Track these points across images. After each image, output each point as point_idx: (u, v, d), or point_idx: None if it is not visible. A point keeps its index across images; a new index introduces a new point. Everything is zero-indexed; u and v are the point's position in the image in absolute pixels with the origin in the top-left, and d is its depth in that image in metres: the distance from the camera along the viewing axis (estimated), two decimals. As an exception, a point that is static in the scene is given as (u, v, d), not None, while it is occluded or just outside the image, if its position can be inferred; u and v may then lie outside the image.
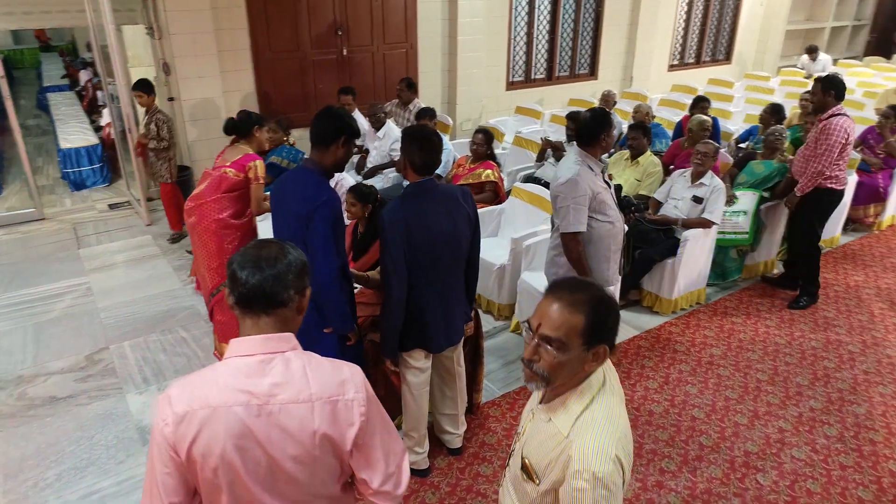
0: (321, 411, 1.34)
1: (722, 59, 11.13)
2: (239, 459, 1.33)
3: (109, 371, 3.82)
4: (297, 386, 1.34)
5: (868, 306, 4.60)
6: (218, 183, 3.57)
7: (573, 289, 1.44)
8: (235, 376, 1.34)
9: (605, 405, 1.45)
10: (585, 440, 1.39)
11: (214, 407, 1.31)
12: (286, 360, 1.36)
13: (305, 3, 6.56)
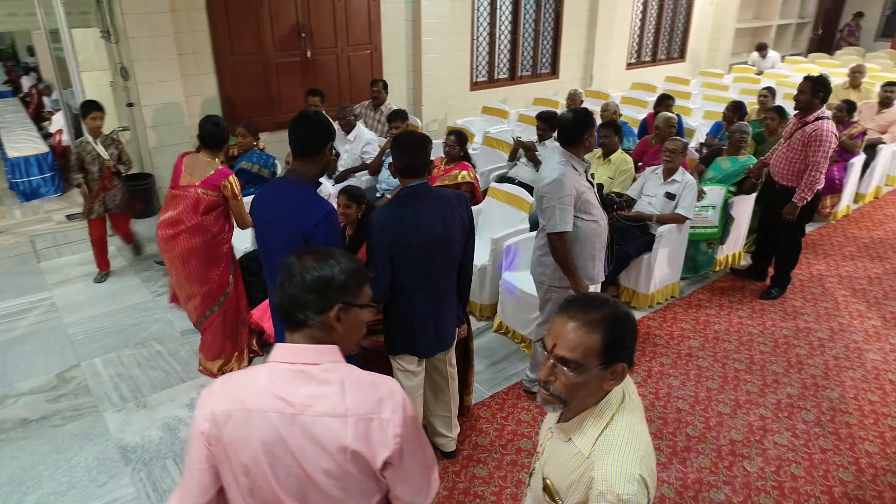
0: (354, 428, 1.30)
1: (676, 57, 11.42)
2: (268, 466, 1.31)
3: (83, 389, 3.67)
4: (333, 399, 1.31)
5: (832, 294, 4.79)
6: (195, 205, 3.31)
7: (588, 307, 1.39)
8: (274, 381, 1.33)
9: (626, 423, 1.42)
10: (608, 461, 1.36)
11: (250, 409, 1.31)
12: (326, 371, 1.34)
13: (267, 6, 6.43)
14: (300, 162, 2.45)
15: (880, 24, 13.72)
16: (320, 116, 2.51)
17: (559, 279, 3.22)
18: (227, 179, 3.35)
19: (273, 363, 1.37)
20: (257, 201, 2.56)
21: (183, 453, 3.18)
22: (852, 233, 5.91)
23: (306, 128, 2.43)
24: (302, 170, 2.45)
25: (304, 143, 2.43)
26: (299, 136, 2.43)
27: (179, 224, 3.32)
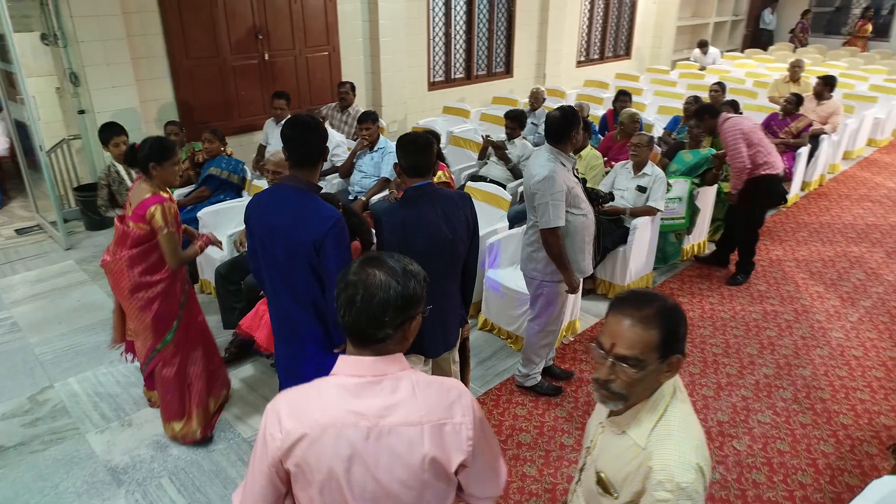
0: (430, 435, 1.31)
1: (623, 54, 11.76)
2: (345, 481, 1.30)
3: (60, 411, 3.50)
4: (407, 407, 1.31)
5: (792, 278, 5.05)
6: (122, 237, 2.94)
7: (640, 303, 1.42)
8: (344, 396, 1.32)
9: (679, 414, 1.46)
10: (665, 450, 1.40)
11: (324, 427, 1.29)
12: (396, 379, 1.34)
13: (223, 7, 6.28)
14: (302, 170, 2.40)
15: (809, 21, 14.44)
16: (316, 120, 2.47)
17: (551, 273, 3.28)
18: (154, 207, 2.83)
19: (340, 377, 1.35)
20: (253, 209, 2.48)
21: (177, 470, 3.09)
22: (803, 219, 6.23)
23: (306, 133, 2.38)
24: (303, 177, 2.40)
25: (307, 151, 2.38)
26: (302, 144, 2.38)
27: (110, 254, 3.02)
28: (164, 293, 3.01)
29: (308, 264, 2.33)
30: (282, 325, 2.56)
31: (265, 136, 5.90)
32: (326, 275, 2.31)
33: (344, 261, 2.34)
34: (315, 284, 2.38)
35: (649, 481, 1.40)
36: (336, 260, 2.30)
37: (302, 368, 2.56)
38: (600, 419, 1.61)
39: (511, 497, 2.95)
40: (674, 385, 1.50)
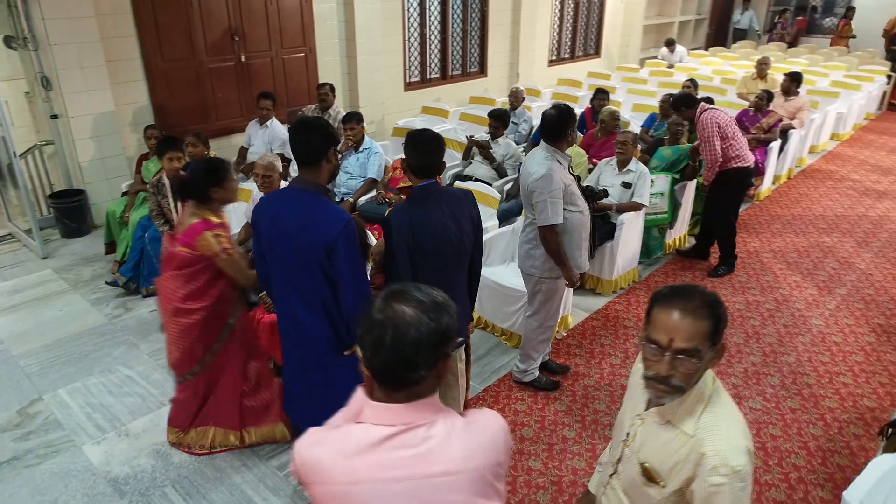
0: (470, 482, 1.22)
1: (592, 53, 11.93)
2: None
3: (52, 424, 3.41)
4: (444, 456, 1.22)
5: (770, 268, 5.21)
6: (169, 258, 2.89)
7: (687, 296, 1.46)
8: (376, 449, 1.21)
9: (722, 401, 1.51)
10: (717, 437, 1.44)
11: (357, 482, 1.20)
12: (431, 426, 1.23)
13: (198, 9, 6.18)
14: (307, 170, 2.40)
15: (767, 19, 14.89)
16: (320, 120, 2.47)
17: (549, 270, 3.34)
18: (203, 235, 2.75)
19: (369, 426, 1.24)
20: (260, 213, 2.47)
21: (180, 479, 3.04)
22: (776, 211, 6.43)
23: (308, 133, 2.37)
24: (310, 178, 2.40)
25: (309, 150, 2.37)
26: (302, 143, 2.37)
27: (161, 271, 2.98)
28: (203, 323, 2.91)
29: (318, 266, 2.33)
30: (290, 329, 2.55)
31: (247, 137, 5.82)
32: (339, 276, 2.32)
33: (356, 262, 2.35)
34: (325, 286, 2.38)
35: (701, 468, 1.44)
36: (348, 262, 2.31)
37: (310, 372, 2.56)
38: (636, 412, 1.64)
39: (518, 490, 2.99)
40: (712, 373, 1.55)
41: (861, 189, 7.09)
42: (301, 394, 2.63)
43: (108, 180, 5.87)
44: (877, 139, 9.15)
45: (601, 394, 3.69)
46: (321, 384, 2.55)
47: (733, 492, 1.42)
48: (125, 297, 4.69)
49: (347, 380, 2.52)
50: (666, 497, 1.54)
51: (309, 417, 2.60)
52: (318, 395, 2.56)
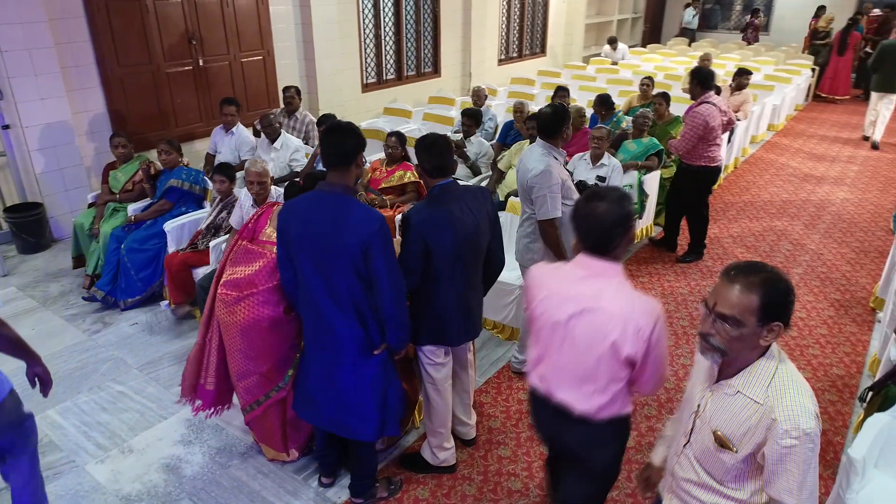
0: (619, 325, 1.89)
1: (538, 52, 12.22)
2: (560, 333, 2.01)
3: (48, 445, 3.28)
4: (609, 301, 1.92)
5: (732, 252, 5.54)
6: (273, 268, 2.76)
7: (749, 272, 1.59)
8: (573, 281, 2.00)
9: (789, 371, 1.65)
10: (786, 402, 1.57)
11: (556, 293, 2.02)
12: (609, 279, 1.95)
13: (154, 12, 6.00)
14: (336, 173, 2.43)
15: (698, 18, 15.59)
16: (351, 125, 2.50)
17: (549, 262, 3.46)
18: None
19: (575, 267, 2.02)
20: (288, 217, 2.47)
21: (197, 491, 3.00)
22: (728, 199, 6.81)
23: (340, 138, 2.42)
24: (338, 180, 2.43)
25: (340, 153, 2.40)
26: (334, 147, 2.41)
27: (250, 286, 2.78)
28: (295, 336, 2.89)
29: (353, 267, 2.37)
30: (319, 332, 2.56)
31: (213, 144, 5.70)
32: (376, 275, 2.36)
33: (391, 261, 2.39)
34: (358, 286, 2.41)
35: (773, 432, 1.58)
36: (384, 260, 2.35)
37: (339, 373, 2.58)
38: (705, 384, 1.78)
39: (536, 475, 3.10)
40: (777, 348, 1.68)
41: (801, 175, 7.59)
42: (328, 398, 2.62)
43: (67, 192, 5.62)
44: (807, 128, 9.79)
45: (597, 379, 3.85)
46: (351, 386, 2.57)
47: (805, 452, 1.56)
48: (102, 312, 4.53)
49: (376, 379, 2.57)
50: (740, 460, 1.67)
51: (337, 421, 2.63)
52: (348, 397, 2.58)
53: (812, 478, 1.62)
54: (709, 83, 4.95)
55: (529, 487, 3.03)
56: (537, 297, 2.07)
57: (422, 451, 3.12)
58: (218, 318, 2.89)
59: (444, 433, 3.02)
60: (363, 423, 2.62)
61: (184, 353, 4.08)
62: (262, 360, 2.86)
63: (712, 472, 1.77)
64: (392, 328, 2.48)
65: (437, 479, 3.07)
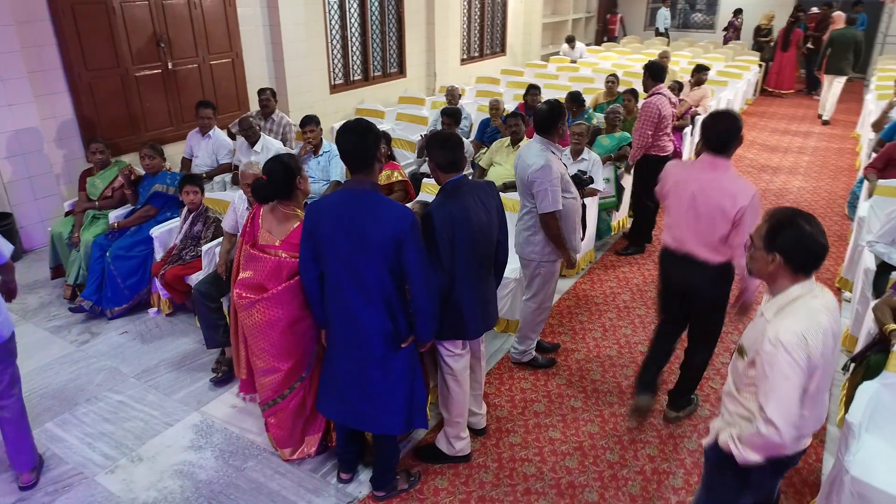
0: (729, 197, 2.82)
1: (499, 51, 12.40)
2: (691, 203, 2.94)
3: (52, 459, 3.20)
4: (724, 184, 2.87)
5: (704, 240, 5.78)
6: (275, 270, 2.82)
7: (776, 209, 2.01)
8: (698, 169, 2.98)
9: (807, 305, 1.93)
10: (781, 321, 1.91)
11: (684, 179, 3.00)
12: (723, 170, 2.91)
13: (121, 14, 5.87)
14: (362, 171, 2.48)
15: (646, 16, 16.11)
16: (364, 122, 2.55)
17: (549, 254, 3.58)
18: None
19: (700, 163, 2.98)
20: (317, 216, 2.50)
21: (216, 494, 2.99)
22: (694, 190, 7.09)
23: (361, 137, 2.46)
24: (365, 178, 2.48)
25: (364, 152, 2.46)
26: (357, 147, 2.45)
27: (261, 290, 2.82)
28: (311, 330, 2.93)
29: (383, 262, 2.42)
30: (347, 329, 2.59)
31: (188, 149, 5.61)
32: (409, 268, 2.41)
33: (423, 255, 2.45)
34: (388, 280, 2.47)
35: (763, 340, 1.90)
36: (417, 254, 2.42)
37: (368, 369, 2.62)
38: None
39: (548, 459, 3.21)
40: (811, 290, 1.97)
41: (758, 165, 7.97)
42: (357, 395, 2.66)
43: (36, 201, 5.45)
44: (759, 121, 10.26)
45: (593, 365, 3.99)
46: (379, 381, 2.62)
47: (779, 363, 1.84)
48: (87, 322, 4.42)
49: (403, 373, 2.63)
50: (745, 366, 2.02)
51: (365, 416, 2.67)
52: (377, 392, 2.63)
53: (787, 393, 1.84)
54: (660, 76, 5.28)
55: (543, 471, 3.14)
56: (669, 182, 3.09)
57: (437, 443, 3.18)
58: (239, 319, 2.94)
59: (462, 423, 3.10)
60: (391, 416, 2.67)
61: (179, 359, 4.04)
62: (284, 357, 2.90)
63: (735, 381, 2.10)
64: (424, 321, 2.54)
65: (453, 468, 3.15)
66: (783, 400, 1.84)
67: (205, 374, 3.88)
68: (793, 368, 1.83)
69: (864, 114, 9.14)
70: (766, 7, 13.20)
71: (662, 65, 5.38)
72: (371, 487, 2.98)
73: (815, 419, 2.06)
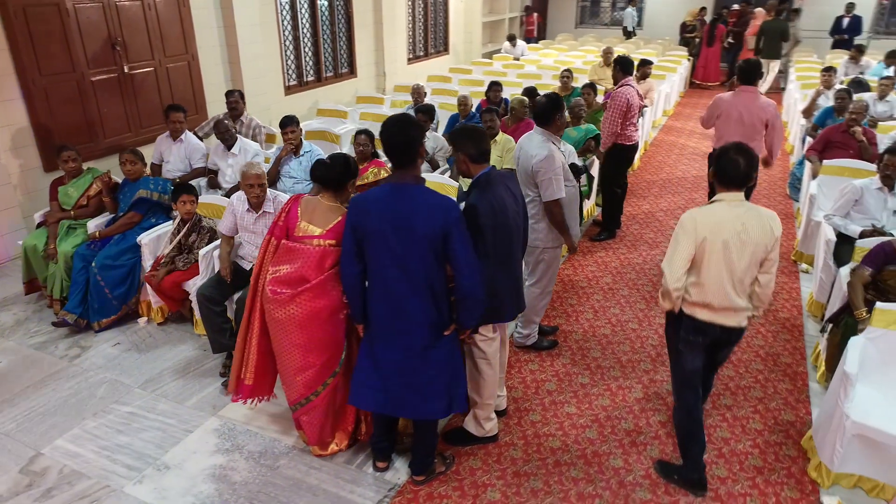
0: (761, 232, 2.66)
1: (442, 50, 12.56)
2: (725, 249, 2.67)
3: (72, 475, 3.10)
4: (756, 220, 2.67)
5: (667, 224, 6.16)
6: (320, 260, 2.86)
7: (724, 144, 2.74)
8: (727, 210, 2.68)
9: (718, 204, 2.68)
10: (694, 209, 2.74)
11: (719, 223, 2.66)
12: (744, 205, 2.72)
13: (75, 16, 5.63)
14: (405, 165, 2.56)
15: (576, 15, 16.68)
16: (407, 117, 2.63)
17: (552, 240, 3.76)
18: None
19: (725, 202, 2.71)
20: (362, 210, 2.56)
21: (256, 493, 2.99)
22: (648, 177, 7.50)
23: (406, 131, 2.55)
24: (408, 172, 2.56)
25: (408, 146, 2.54)
26: (401, 140, 2.53)
27: (302, 282, 2.84)
28: (347, 319, 2.97)
29: (431, 251, 2.51)
30: (392, 320, 2.66)
31: (157, 154, 5.44)
32: (455, 256, 2.51)
33: (469, 243, 2.56)
34: (434, 268, 2.56)
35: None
36: (463, 243, 2.52)
37: (413, 356, 2.69)
38: None
39: (569, 433, 3.38)
40: (733, 200, 2.69)
41: (701, 153, 8.49)
42: (400, 383, 2.73)
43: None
44: (692, 112, 10.89)
45: (591, 344, 4.21)
46: (423, 368, 2.70)
47: (676, 233, 2.74)
48: (73, 337, 4.26)
49: (446, 359, 2.74)
50: None
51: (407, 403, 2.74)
52: (421, 379, 2.71)
53: (673, 253, 2.73)
54: (629, 69, 5.63)
55: (567, 444, 3.31)
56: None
57: (465, 425, 3.30)
58: (271, 317, 2.91)
59: (492, 405, 3.22)
60: (434, 402, 2.76)
61: (182, 367, 3.96)
62: (321, 351, 2.93)
63: None
64: (469, 307, 2.63)
65: (483, 448, 3.27)
66: (670, 258, 2.74)
67: (213, 380, 3.83)
68: (679, 237, 2.71)
69: (788, 102, 9.89)
70: (690, 4, 13.98)
71: (631, 59, 5.70)
72: (410, 473, 3.06)
73: (715, 295, 2.72)
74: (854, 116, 5.59)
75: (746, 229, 2.63)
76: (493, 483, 3.05)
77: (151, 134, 6.38)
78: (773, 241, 2.67)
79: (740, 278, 2.70)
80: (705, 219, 2.65)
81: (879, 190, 4.31)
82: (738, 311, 2.77)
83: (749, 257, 2.67)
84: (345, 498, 2.97)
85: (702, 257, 2.70)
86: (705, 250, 2.67)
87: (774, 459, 3.21)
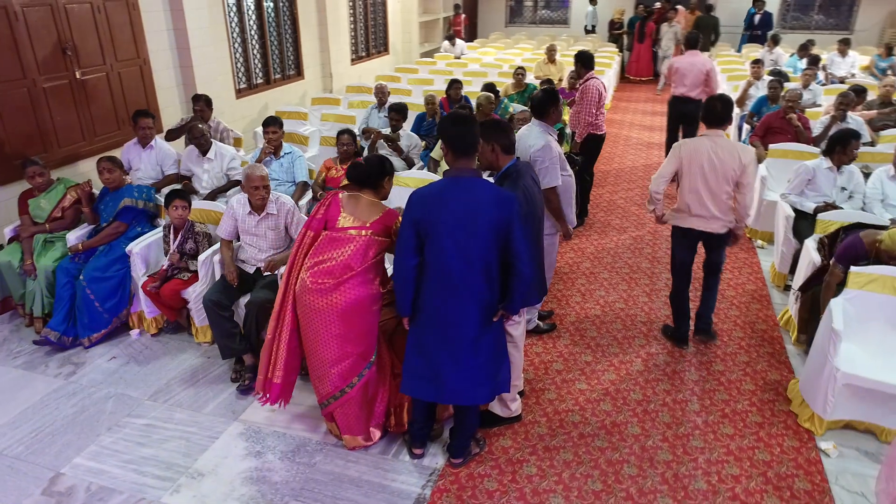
0: (732, 159, 3.63)
1: (383, 51, 12.59)
2: (702, 169, 3.66)
3: (101, 491, 3.01)
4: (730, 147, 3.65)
5: (630, 210, 6.51)
6: (365, 250, 2.97)
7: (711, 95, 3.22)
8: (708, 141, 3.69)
9: (700, 138, 3.72)
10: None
11: (696, 149, 3.69)
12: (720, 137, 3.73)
13: (23, 20, 5.33)
14: (465, 160, 2.68)
15: (506, 14, 17.09)
16: (466, 112, 2.79)
17: (550, 227, 3.94)
18: (398, 220, 3.02)
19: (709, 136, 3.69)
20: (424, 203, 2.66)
21: (299, 490, 3.01)
22: (602, 168, 7.87)
23: (467, 127, 2.69)
24: (467, 166, 2.68)
25: (468, 143, 2.67)
26: (463, 136, 2.66)
27: (348, 270, 2.92)
28: (381, 308, 3.08)
29: (494, 242, 2.64)
30: (447, 307, 2.75)
31: (126, 162, 5.22)
32: (516, 243, 2.64)
33: (526, 232, 2.71)
34: (493, 258, 2.69)
35: None
36: (522, 232, 2.66)
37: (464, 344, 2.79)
38: None
39: (585, 407, 3.59)
40: (712, 135, 3.74)
41: (644, 143, 8.98)
42: (449, 370, 2.83)
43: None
44: (628, 105, 11.46)
45: (586, 325, 4.44)
46: (472, 355, 2.81)
47: (666, 157, 3.62)
48: (61, 354, 4.08)
49: (494, 345, 2.88)
50: None
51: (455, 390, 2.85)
52: (469, 366, 2.82)
53: (661, 169, 3.86)
54: (591, 64, 6.04)
55: (586, 417, 3.51)
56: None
57: (491, 408, 3.43)
58: (311, 307, 2.96)
59: (518, 386, 3.38)
60: (481, 387, 2.88)
61: (190, 375, 3.89)
62: (359, 341, 3.02)
63: None
64: (525, 292, 2.76)
65: (509, 428, 3.42)
66: (658, 172, 3.82)
67: (225, 385, 3.79)
68: (668, 159, 3.77)
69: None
70: (616, 3, 14.64)
71: (591, 54, 6.04)
72: (448, 457, 3.17)
73: (693, 202, 3.77)
74: (790, 104, 6.11)
75: (719, 155, 3.66)
76: (526, 459, 3.21)
77: (106, 142, 6.14)
78: (739, 166, 3.63)
79: (715, 192, 3.71)
80: (688, 147, 3.75)
81: (829, 169, 4.76)
82: (713, 218, 3.78)
83: (721, 176, 3.67)
84: (389, 486, 3.04)
85: (683, 174, 3.78)
86: (686, 170, 3.74)
87: (771, 415, 3.53)
